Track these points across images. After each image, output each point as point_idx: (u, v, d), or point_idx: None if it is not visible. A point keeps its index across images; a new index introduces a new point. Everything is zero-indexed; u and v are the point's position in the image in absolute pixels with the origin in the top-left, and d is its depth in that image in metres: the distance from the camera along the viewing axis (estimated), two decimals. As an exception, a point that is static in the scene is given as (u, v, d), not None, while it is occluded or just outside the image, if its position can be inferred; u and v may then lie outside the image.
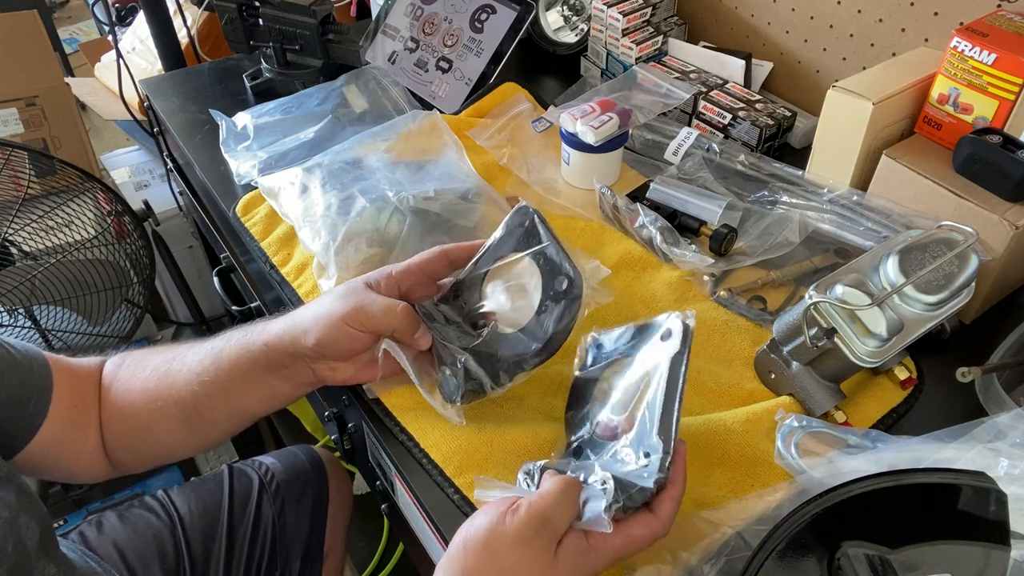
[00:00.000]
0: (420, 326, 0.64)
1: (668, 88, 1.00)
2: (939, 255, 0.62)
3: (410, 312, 0.63)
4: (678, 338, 0.55)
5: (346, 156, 0.90)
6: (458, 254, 0.67)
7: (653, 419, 0.53)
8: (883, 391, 0.69)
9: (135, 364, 0.68)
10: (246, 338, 0.65)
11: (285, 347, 0.63)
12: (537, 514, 0.48)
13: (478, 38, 1.09)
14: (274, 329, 0.64)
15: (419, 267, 0.66)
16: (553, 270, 0.63)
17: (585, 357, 0.64)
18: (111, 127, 1.92)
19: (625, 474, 0.52)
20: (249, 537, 0.87)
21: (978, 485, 0.47)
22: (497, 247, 0.66)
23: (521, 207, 0.67)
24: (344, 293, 0.64)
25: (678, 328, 0.56)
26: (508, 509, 0.49)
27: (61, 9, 3.06)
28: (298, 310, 0.66)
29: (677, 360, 0.55)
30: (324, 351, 0.63)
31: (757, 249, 0.81)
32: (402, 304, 0.63)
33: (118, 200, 1.38)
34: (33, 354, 0.63)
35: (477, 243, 0.68)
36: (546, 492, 0.50)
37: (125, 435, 0.68)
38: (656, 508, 0.51)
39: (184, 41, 1.43)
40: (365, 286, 0.64)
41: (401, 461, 0.66)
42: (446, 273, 0.68)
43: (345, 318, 0.61)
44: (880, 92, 0.79)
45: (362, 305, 0.62)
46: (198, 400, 0.65)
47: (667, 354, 0.55)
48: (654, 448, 0.52)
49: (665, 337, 0.57)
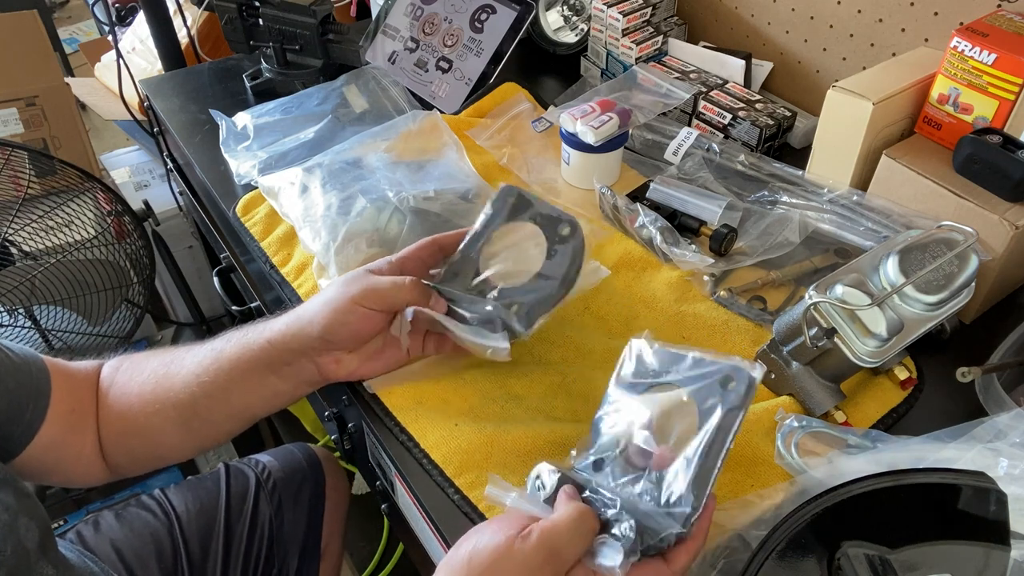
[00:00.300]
0: (432, 294, 0.65)
1: (668, 88, 1.00)
2: (939, 255, 0.62)
3: (419, 283, 0.65)
4: (741, 391, 0.52)
5: (346, 156, 0.90)
6: (448, 241, 0.69)
7: (691, 467, 0.51)
8: (883, 391, 0.69)
9: (132, 368, 0.68)
10: (247, 337, 0.65)
11: (288, 342, 0.64)
12: (548, 544, 0.47)
13: (478, 38, 1.09)
14: (277, 326, 0.65)
15: (415, 254, 0.68)
16: (552, 222, 0.69)
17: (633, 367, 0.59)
18: (111, 127, 1.92)
19: (645, 514, 0.49)
20: (246, 535, 0.87)
21: (978, 485, 0.47)
22: (488, 224, 0.69)
23: (505, 187, 0.70)
24: (349, 280, 0.65)
25: (744, 380, 0.52)
26: (519, 534, 0.47)
27: (61, 9, 3.06)
28: (301, 305, 0.66)
29: (733, 414, 0.51)
30: (332, 338, 0.63)
31: (757, 249, 0.81)
32: (410, 277, 0.65)
33: (118, 200, 1.38)
34: (31, 358, 0.63)
35: (464, 231, 0.70)
36: (560, 521, 0.48)
37: (123, 438, 0.68)
38: (671, 558, 0.49)
39: (184, 41, 1.43)
40: (366, 271, 0.66)
41: (401, 461, 0.65)
42: (437, 260, 0.70)
43: (356, 298, 0.62)
44: (880, 92, 0.79)
45: (372, 284, 0.63)
46: (197, 401, 0.65)
47: (725, 404, 0.52)
48: (685, 501, 0.50)
49: (725, 383, 0.53)
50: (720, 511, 0.57)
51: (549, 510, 0.50)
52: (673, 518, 0.49)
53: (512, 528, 0.48)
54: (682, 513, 0.49)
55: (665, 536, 0.48)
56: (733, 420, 0.51)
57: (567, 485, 0.52)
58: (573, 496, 0.51)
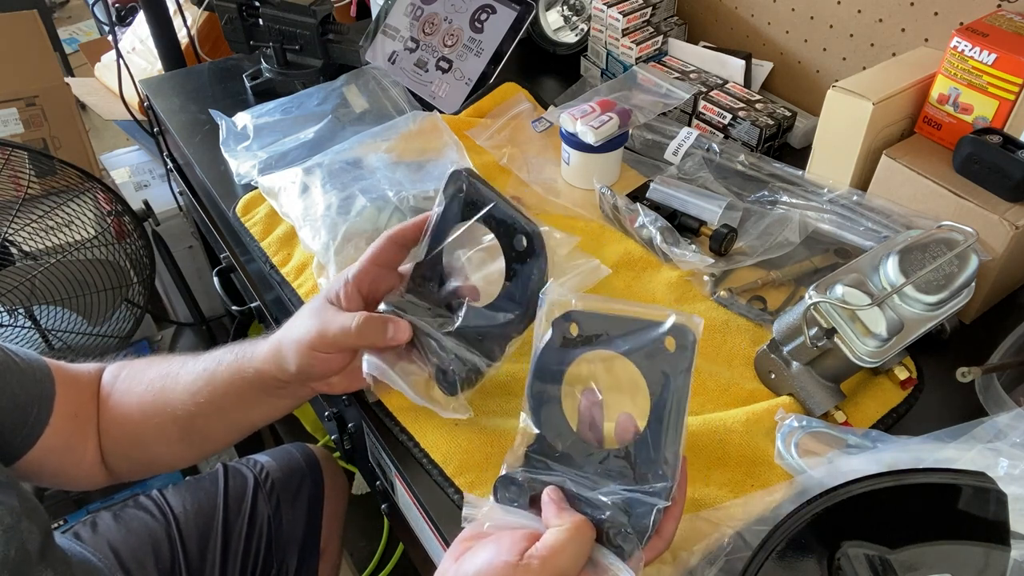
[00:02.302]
0: (389, 325, 0.60)
1: (668, 88, 1.00)
2: (939, 255, 0.62)
3: (369, 321, 0.59)
4: (688, 350, 0.50)
5: (346, 156, 0.90)
6: (404, 234, 0.64)
7: (658, 436, 0.50)
8: (883, 391, 0.69)
9: (132, 377, 0.69)
10: (237, 363, 0.65)
11: (274, 373, 0.63)
12: (552, 571, 0.45)
13: (478, 38, 1.09)
14: (262, 355, 0.64)
15: (371, 262, 0.63)
16: (507, 231, 0.60)
17: (560, 332, 0.55)
18: (111, 127, 1.92)
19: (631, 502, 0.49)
20: (245, 535, 0.87)
21: (978, 485, 0.47)
22: (443, 220, 0.62)
23: (453, 172, 0.62)
24: (308, 314, 0.62)
25: (687, 337, 0.50)
26: (519, 563, 0.44)
27: (61, 9, 3.06)
28: (279, 332, 0.64)
29: (684, 375, 0.50)
30: (306, 377, 0.63)
31: (757, 249, 0.81)
32: (357, 317, 0.59)
33: (118, 200, 1.38)
34: (36, 362, 0.63)
35: (421, 219, 0.64)
36: (558, 544, 0.45)
37: (123, 445, 0.68)
38: (660, 530, 0.49)
39: (184, 41, 1.43)
40: (325, 303, 0.62)
41: (401, 461, 0.65)
42: (401, 257, 0.65)
43: (312, 344, 0.60)
44: (880, 92, 0.79)
45: (322, 329, 0.60)
46: (194, 418, 0.65)
47: (676, 366, 0.50)
48: (661, 472, 0.50)
49: (668, 342, 0.51)
50: (720, 511, 0.57)
51: (534, 518, 0.49)
52: (655, 494, 0.49)
53: (509, 554, 0.45)
54: (663, 487, 0.49)
55: (655, 516, 0.48)
56: (686, 381, 0.50)
57: (549, 489, 0.50)
58: (561, 505, 0.49)
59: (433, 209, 0.63)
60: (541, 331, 0.54)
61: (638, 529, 0.48)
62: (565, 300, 0.54)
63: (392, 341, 0.61)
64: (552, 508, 0.49)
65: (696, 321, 0.50)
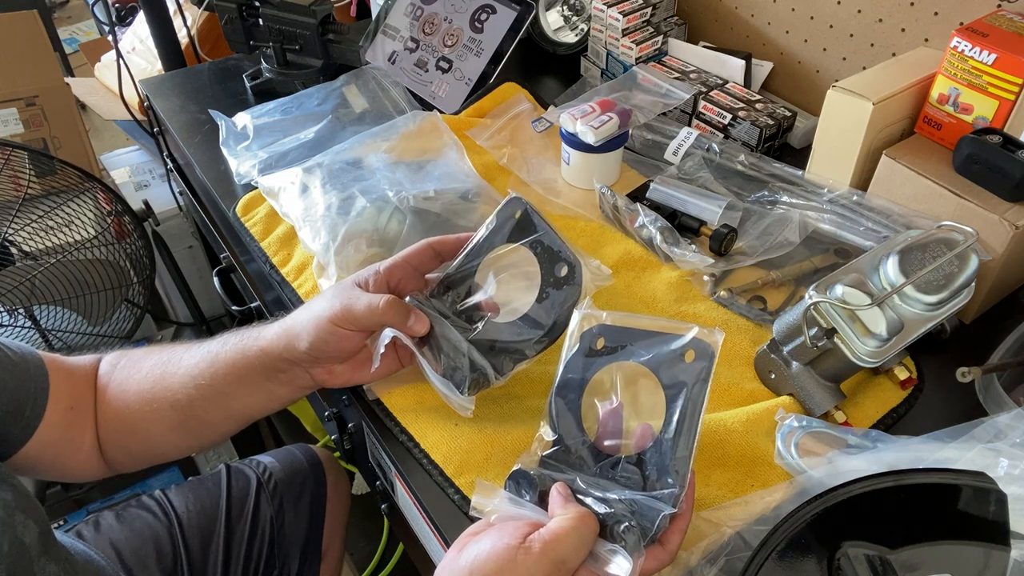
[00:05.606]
0: (411, 314, 0.62)
1: (668, 88, 1.00)
2: (939, 255, 0.62)
3: (396, 303, 0.62)
4: (706, 364, 0.52)
5: (346, 156, 0.90)
6: (444, 247, 0.67)
7: (670, 445, 0.51)
8: (883, 391, 0.69)
9: (130, 365, 0.68)
10: (242, 343, 0.65)
11: (281, 352, 0.63)
12: (552, 555, 0.46)
13: (478, 38, 1.09)
14: (269, 335, 0.64)
15: (406, 260, 0.66)
16: (552, 257, 0.64)
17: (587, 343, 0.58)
18: (111, 127, 1.92)
19: (638, 504, 0.49)
20: (247, 536, 0.87)
21: (978, 485, 0.47)
22: (489, 239, 0.65)
23: (513, 198, 0.66)
24: (332, 294, 0.64)
25: (706, 351, 0.52)
26: (520, 544, 0.46)
27: (61, 9, 3.07)
28: (292, 314, 0.65)
29: (700, 387, 0.52)
30: (318, 354, 0.63)
31: (757, 249, 0.81)
32: (386, 298, 0.61)
33: (118, 200, 1.38)
34: (30, 355, 0.63)
35: (464, 236, 0.67)
36: (561, 530, 0.47)
37: (120, 435, 0.68)
38: (664, 540, 0.50)
39: (184, 41, 1.43)
40: (353, 285, 0.64)
41: (401, 461, 0.66)
42: (434, 266, 0.67)
43: (332, 319, 0.61)
44: (880, 92, 0.79)
45: (348, 304, 0.62)
46: (193, 404, 0.65)
47: (692, 378, 0.52)
48: (670, 480, 0.50)
49: (688, 356, 0.53)
50: (720, 511, 0.57)
51: (541, 511, 0.50)
52: (663, 500, 0.50)
53: (512, 537, 0.47)
54: (671, 494, 0.50)
55: (660, 521, 0.49)
56: (701, 392, 0.52)
57: (558, 484, 0.51)
58: (568, 498, 0.50)
59: (480, 230, 0.66)
60: (572, 342, 0.58)
61: (642, 528, 0.48)
62: (597, 315, 0.57)
63: (410, 330, 0.62)
64: (558, 499, 0.50)
65: (716, 336, 0.52)
